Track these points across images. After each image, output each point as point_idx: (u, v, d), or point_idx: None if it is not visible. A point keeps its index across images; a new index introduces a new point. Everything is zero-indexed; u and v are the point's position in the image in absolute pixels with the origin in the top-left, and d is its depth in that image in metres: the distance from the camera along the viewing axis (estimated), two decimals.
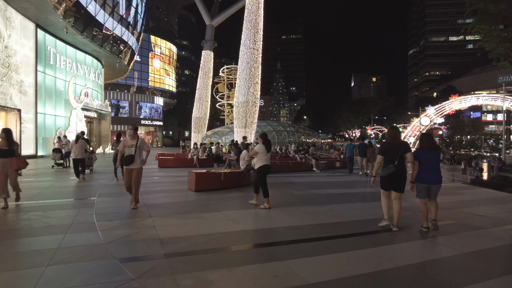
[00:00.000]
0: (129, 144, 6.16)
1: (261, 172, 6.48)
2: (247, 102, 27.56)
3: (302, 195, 7.95)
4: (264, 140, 6.59)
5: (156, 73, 60.09)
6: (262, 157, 6.43)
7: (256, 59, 27.98)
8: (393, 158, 4.84)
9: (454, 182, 16.48)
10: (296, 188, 8.99)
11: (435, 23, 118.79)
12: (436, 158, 4.98)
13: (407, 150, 4.89)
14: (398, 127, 5.91)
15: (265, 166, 6.46)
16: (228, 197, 7.43)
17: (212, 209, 6.15)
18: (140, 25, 36.55)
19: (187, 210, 6.11)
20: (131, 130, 6.35)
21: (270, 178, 11.43)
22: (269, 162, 6.57)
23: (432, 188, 4.93)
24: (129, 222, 5.11)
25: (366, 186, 9.89)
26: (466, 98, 54.54)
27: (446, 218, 5.80)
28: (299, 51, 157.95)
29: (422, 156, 4.93)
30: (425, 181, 4.92)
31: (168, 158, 16.41)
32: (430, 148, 4.95)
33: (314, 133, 50.60)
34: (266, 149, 6.48)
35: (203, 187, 7.81)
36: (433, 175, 4.91)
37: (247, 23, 28.02)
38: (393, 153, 4.86)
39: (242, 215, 5.76)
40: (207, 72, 40.89)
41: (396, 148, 4.88)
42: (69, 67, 27.46)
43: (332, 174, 13.85)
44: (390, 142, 5.04)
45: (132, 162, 6.10)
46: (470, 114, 74.62)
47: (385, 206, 5.11)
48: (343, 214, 6.02)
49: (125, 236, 4.34)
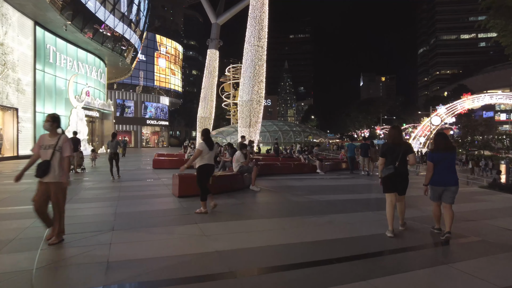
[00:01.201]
0: (45, 145, 4.03)
1: (200, 172, 5.75)
2: (251, 101, 26.67)
3: (300, 203, 7.01)
4: (205, 137, 5.90)
5: (161, 73, 59.59)
6: (204, 155, 5.71)
7: (260, 57, 27.05)
8: (394, 159, 4.64)
9: (469, 185, 15.33)
10: (295, 193, 8.05)
11: (445, 21, 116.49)
12: (451, 159, 4.66)
13: (409, 151, 4.68)
14: (400, 127, 5.32)
15: (206, 166, 5.74)
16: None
17: (189, 220, 5.23)
18: (143, 23, 35.96)
19: (161, 221, 5.23)
20: (47, 122, 4.07)
21: (269, 181, 10.68)
22: (212, 161, 5.90)
23: (449, 190, 4.56)
24: (84, 237, 4.24)
25: (372, 191, 8.91)
26: (479, 97, 52.77)
27: (469, 233, 4.81)
28: (307, 51, 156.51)
29: (437, 157, 4.60)
30: (441, 183, 4.59)
31: (165, 159, 15.61)
32: (446, 148, 4.62)
33: (321, 133, 49.49)
34: (208, 147, 5.74)
35: (187, 192, 6.91)
36: (449, 176, 4.58)
37: (252, 19, 27.09)
38: (394, 154, 4.66)
39: (222, 229, 4.84)
40: (212, 71, 40.13)
41: (397, 148, 4.67)
42: (70, 65, 26.96)
43: (337, 176, 12.86)
44: (390, 142, 4.81)
45: (47, 173, 3.93)
46: (482, 114, 72.64)
47: (390, 215, 4.70)
48: (345, 227, 5.07)
49: (66, 259, 3.48)
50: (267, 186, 9.07)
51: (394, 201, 4.72)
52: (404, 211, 4.92)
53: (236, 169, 8.11)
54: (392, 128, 4.99)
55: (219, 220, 5.34)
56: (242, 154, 8.12)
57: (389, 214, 4.70)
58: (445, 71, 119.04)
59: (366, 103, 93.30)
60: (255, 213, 6.01)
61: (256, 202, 7.07)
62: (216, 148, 7.87)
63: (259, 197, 7.55)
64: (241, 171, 8.07)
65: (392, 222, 4.65)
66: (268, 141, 39.77)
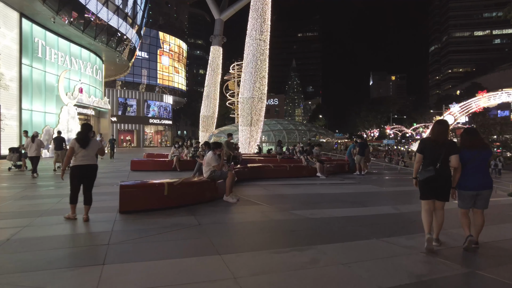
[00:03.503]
0: None
1: (71, 174, 5.03)
2: (252, 98, 25.11)
3: (281, 223, 5.21)
4: (80, 133, 5.14)
5: (165, 71, 58.21)
6: (76, 154, 4.99)
7: (263, 51, 25.41)
8: (435, 160, 3.97)
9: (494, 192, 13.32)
10: (281, 207, 6.26)
11: (459, 17, 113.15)
12: (482, 158, 4.04)
13: (453, 152, 3.97)
14: (447, 122, 4.46)
15: (77, 168, 4.98)
16: (161, 226, 4.75)
17: (108, 257, 3.50)
18: (141, 17, 34.50)
19: (64, 257, 3.54)
20: None
21: (257, 189, 8.52)
22: (90, 161, 5.07)
23: (482, 194, 4.01)
24: None
25: (382, 202, 7.12)
26: (496, 95, 50.09)
27: None
28: (315, 49, 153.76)
29: (463, 157, 4.01)
30: (471, 187, 4.00)
31: (146, 160, 13.95)
32: (473, 145, 4.04)
33: (328, 133, 47.53)
34: (79, 144, 4.97)
35: (132, 207, 5.18)
36: (480, 179, 4.01)
37: (253, 12, 25.44)
38: (435, 153, 3.99)
39: (136, 276, 3.11)
40: (215, 68, 38.77)
41: (440, 147, 3.98)
42: (61, 60, 25.60)
43: (340, 181, 11.03)
44: (433, 139, 4.11)
45: None
46: (497, 113, 69.80)
47: (426, 221, 4.05)
48: (338, 275, 3.23)
49: None
50: (250, 195, 7.31)
51: (431, 209, 4.06)
52: (442, 224, 4.11)
53: (207, 174, 6.39)
54: (437, 123, 4.21)
55: (143, 256, 3.57)
56: (214, 155, 6.38)
57: (425, 219, 4.06)
58: (457, 69, 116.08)
59: (376, 102, 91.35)
60: (202, 245, 4.03)
61: (219, 222, 5.16)
62: None
63: (229, 214, 5.80)
64: (213, 178, 6.35)
65: (429, 226, 3.99)
66: (272, 141, 38.26)
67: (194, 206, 5.87)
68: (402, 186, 10.45)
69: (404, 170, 19.57)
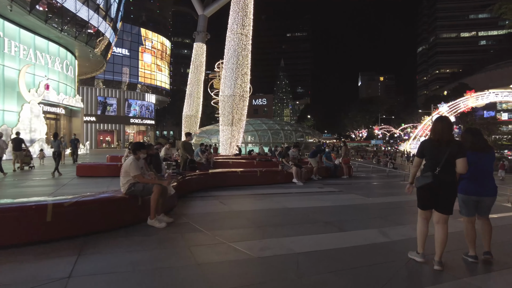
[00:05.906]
0: None
1: None
2: (233, 95, 23.49)
3: (211, 270, 3.49)
4: None
5: (147, 69, 55.84)
6: None
7: (244, 46, 23.76)
8: (435, 164, 3.25)
9: None
10: (225, 236, 4.39)
11: (446, 18, 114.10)
12: (486, 162, 3.56)
13: (460, 155, 3.22)
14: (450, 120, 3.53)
15: None
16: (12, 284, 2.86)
17: None
18: (116, 10, 32.33)
19: None
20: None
21: (210, 201, 6.82)
22: None
23: (484, 201, 3.54)
24: None
25: (365, 223, 5.46)
26: (484, 95, 49.61)
27: None
28: (305, 49, 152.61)
29: (468, 159, 3.28)
30: (473, 191, 3.53)
31: (96, 164, 12.06)
32: (475, 147, 3.54)
33: (316, 133, 46.17)
34: None
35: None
36: (484, 184, 3.54)
37: (235, 5, 23.79)
38: (436, 156, 3.27)
39: None
40: (199, 66, 37.02)
41: (442, 149, 3.26)
42: (23, 54, 23.38)
43: (318, 189, 9.37)
44: (435, 139, 3.34)
45: None
46: (483, 113, 69.78)
47: (420, 234, 3.46)
48: None
49: None
50: (193, 214, 5.52)
51: (428, 219, 3.47)
52: (445, 242, 3.32)
53: (124, 188, 4.60)
54: (438, 121, 3.43)
55: None
56: (135, 161, 4.59)
57: (420, 231, 3.47)
58: (444, 70, 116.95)
59: (365, 102, 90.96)
60: None
61: (107, 272, 3.13)
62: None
63: (137, 252, 3.70)
64: (132, 193, 4.57)
65: (423, 242, 3.42)
66: (257, 142, 36.80)
67: (96, 236, 4.05)
68: (391, 196, 8.86)
69: (392, 172, 18.20)
